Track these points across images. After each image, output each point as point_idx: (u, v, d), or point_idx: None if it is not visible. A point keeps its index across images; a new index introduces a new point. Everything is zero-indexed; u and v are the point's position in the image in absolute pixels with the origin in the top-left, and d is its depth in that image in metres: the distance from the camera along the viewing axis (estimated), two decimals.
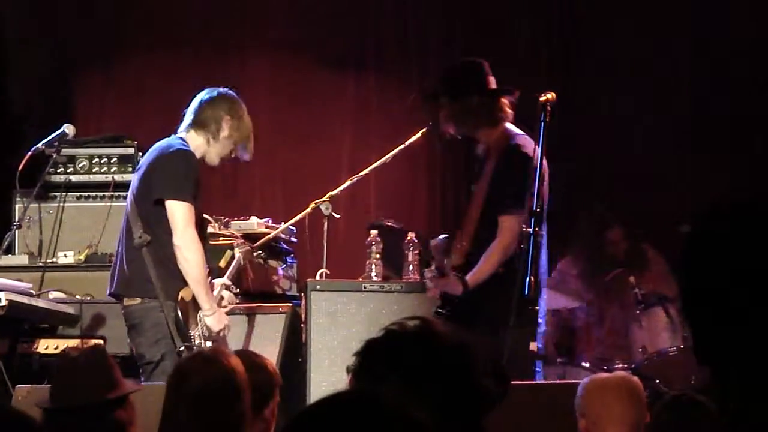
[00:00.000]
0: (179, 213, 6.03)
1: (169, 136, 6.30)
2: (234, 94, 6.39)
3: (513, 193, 6.27)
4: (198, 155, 6.21)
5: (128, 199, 6.27)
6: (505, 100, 6.53)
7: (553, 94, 6.24)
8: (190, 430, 3.91)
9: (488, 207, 6.42)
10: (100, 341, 6.44)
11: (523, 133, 6.51)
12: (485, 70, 6.57)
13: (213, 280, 6.31)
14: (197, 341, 6.07)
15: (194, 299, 6.09)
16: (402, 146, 7.28)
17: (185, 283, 6.06)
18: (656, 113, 8.69)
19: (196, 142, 6.24)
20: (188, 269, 6.05)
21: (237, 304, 6.65)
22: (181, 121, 6.33)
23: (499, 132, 6.50)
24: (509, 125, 6.54)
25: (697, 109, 8.72)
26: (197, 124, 6.26)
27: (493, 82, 6.57)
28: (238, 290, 6.94)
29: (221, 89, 6.37)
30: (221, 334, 6.16)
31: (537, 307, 6.24)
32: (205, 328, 6.09)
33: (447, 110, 6.52)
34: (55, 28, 8.81)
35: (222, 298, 6.37)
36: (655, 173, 8.55)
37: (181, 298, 6.06)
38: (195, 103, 6.33)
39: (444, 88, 6.58)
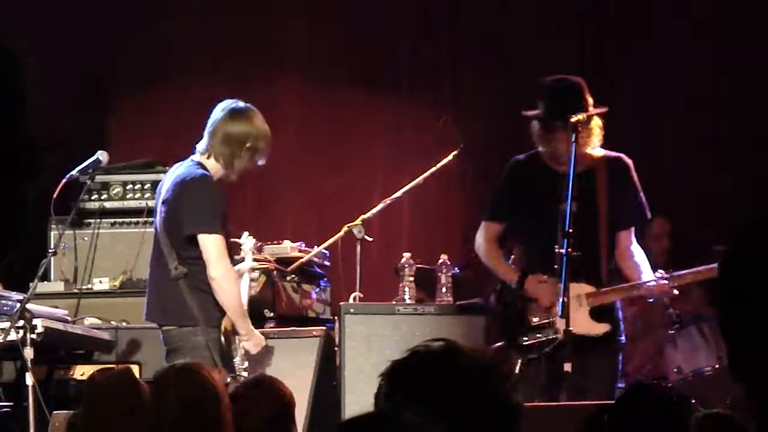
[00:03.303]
0: (211, 245, 6.04)
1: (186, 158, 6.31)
2: (248, 109, 6.24)
3: (640, 202, 6.40)
4: (216, 178, 6.20)
5: (156, 227, 6.27)
6: None
7: (584, 115, 6.26)
8: None
9: (616, 223, 6.40)
10: (135, 366, 6.46)
11: None
12: None
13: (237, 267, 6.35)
14: (241, 367, 6.13)
15: (233, 327, 6.13)
16: (434, 168, 7.30)
17: (224, 312, 6.12)
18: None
19: (214, 169, 6.20)
20: (225, 300, 6.08)
21: (270, 327, 6.67)
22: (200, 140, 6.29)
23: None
24: None
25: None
26: (214, 151, 6.19)
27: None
28: (272, 314, 6.98)
29: (236, 108, 6.23)
30: (259, 354, 6.22)
31: (571, 328, 6.24)
32: (243, 352, 6.15)
33: (590, 128, 6.30)
34: (89, 57, 8.87)
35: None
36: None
37: (224, 327, 6.11)
38: (211, 124, 6.24)
39: (584, 106, 6.31)
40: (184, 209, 6.10)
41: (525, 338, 6.27)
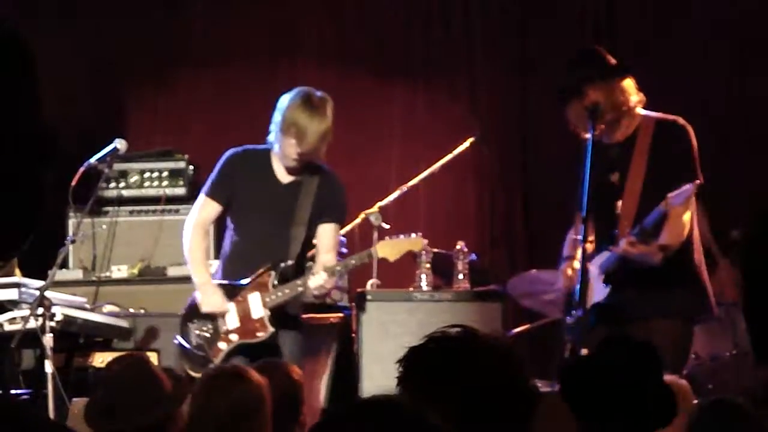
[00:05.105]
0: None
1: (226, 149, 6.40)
2: (305, 93, 6.25)
3: (688, 165, 6.00)
4: (281, 157, 6.27)
5: None
6: None
7: (601, 105, 6.19)
8: None
9: (654, 188, 5.99)
10: (154, 353, 6.50)
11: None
12: None
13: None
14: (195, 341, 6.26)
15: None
16: (450, 156, 7.31)
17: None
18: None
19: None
20: None
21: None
22: None
23: (641, 113, 6.13)
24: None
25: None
26: None
27: None
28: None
29: (305, 88, 6.29)
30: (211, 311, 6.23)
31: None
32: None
33: (603, 94, 6.03)
34: (106, 44, 8.89)
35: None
36: None
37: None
38: None
39: (597, 71, 6.07)
40: None
41: (569, 317, 6.15)
